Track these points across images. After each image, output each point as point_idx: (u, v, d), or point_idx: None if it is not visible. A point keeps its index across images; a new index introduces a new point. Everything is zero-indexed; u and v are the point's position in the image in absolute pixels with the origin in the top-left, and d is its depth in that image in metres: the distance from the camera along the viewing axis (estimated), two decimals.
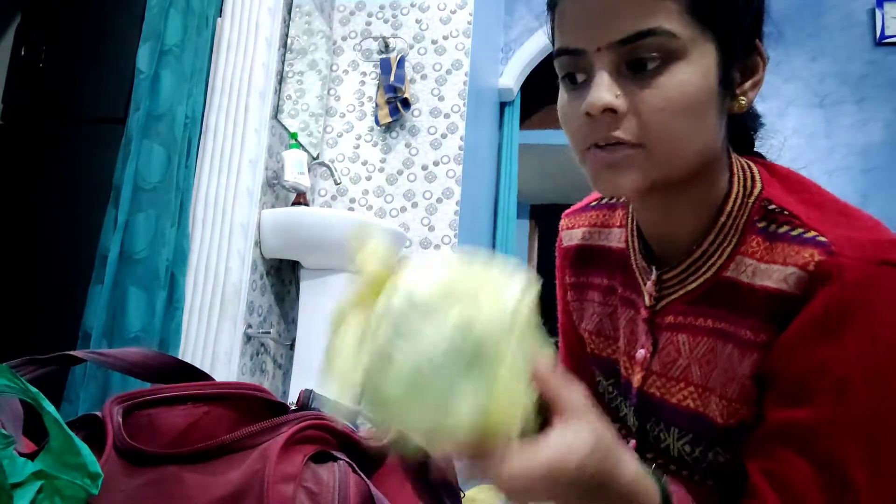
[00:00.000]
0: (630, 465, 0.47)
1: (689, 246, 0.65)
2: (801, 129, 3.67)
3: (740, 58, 0.59)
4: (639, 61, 0.55)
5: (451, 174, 2.81)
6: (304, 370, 2.32)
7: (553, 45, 0.62)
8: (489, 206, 3.90)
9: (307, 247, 2.38)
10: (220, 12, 2.18)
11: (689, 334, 0.66)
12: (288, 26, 2.59)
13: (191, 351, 1.95)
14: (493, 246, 3.99)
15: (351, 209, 2.82)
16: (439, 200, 2.79)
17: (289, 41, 2.60)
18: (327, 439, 0.61)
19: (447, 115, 2.86)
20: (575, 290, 0.83)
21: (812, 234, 0.57)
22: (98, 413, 0.65)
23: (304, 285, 2.42)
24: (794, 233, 0.58)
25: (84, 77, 2.19)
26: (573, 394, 0.45)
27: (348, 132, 2.92)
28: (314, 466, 0.58)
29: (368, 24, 3.01)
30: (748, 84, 0.61)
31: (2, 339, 1.96)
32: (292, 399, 0.69)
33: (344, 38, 3.02)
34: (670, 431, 0.68)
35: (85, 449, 0.52)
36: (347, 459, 0.60)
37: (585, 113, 0.56)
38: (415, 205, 2.80)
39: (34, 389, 0.54)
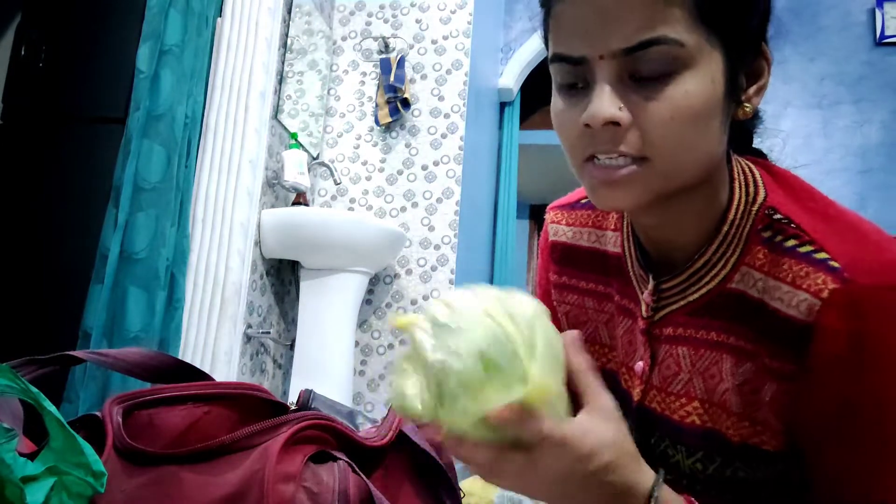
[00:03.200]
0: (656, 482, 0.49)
1: (689, 254, 0.63)
2: (799, 129, 3.67)
3: (746, 62, 0.57)
4: (644, 71, 0.52)
5: (451, 174, 2.81)
6: (304, 370, 2.32)
7: (546, 46, 0.59)
8: (489, 206, 3.90)
9: (307, 247, 2.38)
10: (220, 12, 2.18)
11: (691, 347, 0.63)
12: (288, 26, 2.59)
13: (191, 351, 1.95)
14: (493, 246, 3.99)
15: (351, 209, 2.82)
16: (439, 200, 2.79)
17: (289, 41, 2.60)
18: (327, 439, 0.62)
19: (447, 115, 2.87)
20: (558, 290, 0.80)
21: (823, 255, 0.54)
22: (98, 413, 0.65)
23: (304, 285, 2.42)
24: (803, 249, 0.56)
25: (84, 77, 2.20)
26: (603, 394, 0.49)
27: (348, 132, 2.92)
28: (314, 466, 0.58)
29: (368, 24, 3.01)
30: (753, 89, 0.58)
31: (2, 338, 1.96)
32: (292, 399, 0.70)
33: (344, 38, 3.02)
34: (678, 448, 0.65)
35: (88, 448, 0.52)
36: (347, 459, 0.60)
37: (585, 124, 0.54)
38: (415, 205, 2.80)
39: (34, 389, 0.54)
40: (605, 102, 0.52)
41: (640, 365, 0.68)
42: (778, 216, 0.59)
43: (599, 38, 0.52)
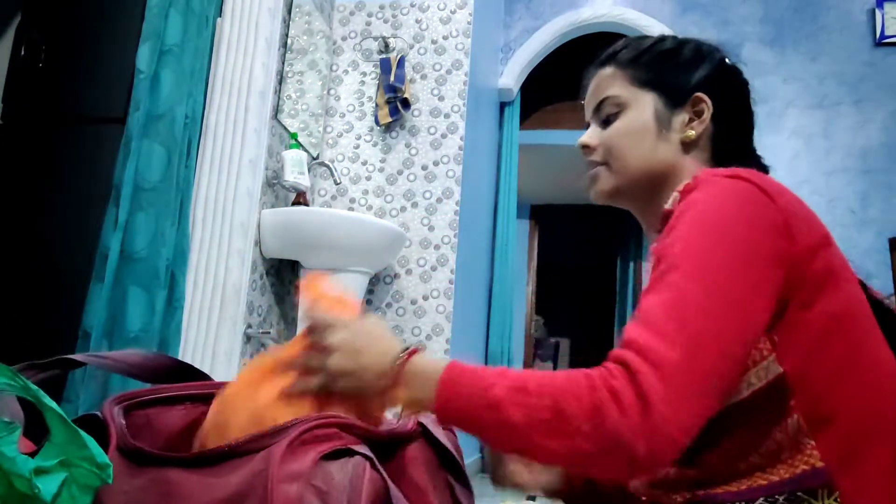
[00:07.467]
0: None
1: None
2: (800, 129, 3.67)
3: (682, 106, 0.84)
4: (603, 115, 0.88)
5: (451, 174, 2.81)
6: None
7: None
8: (489, 206, 3.90)
9: (307, 247, 2.38)
10: (220, 12, 2.18)
11: None
12: (288, 26, 2.59)
13: (191, 351, 1.95)
14: (493, 246, 3.99)
15: (351, 209, 2.82)
16: (439, 200, 2.79)
17: (289, 41, 2.60)
18: (342, 436, 0.61)
19: (447, 115, 2.86)
20: None
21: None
22: (98, 413, 0.65)
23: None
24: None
25: (84, 77, 2.19)
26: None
27: (348, 132, 2.92)
28: (326, 464, 0.57)
29: (368, 24, 3.01)
30: (696, 122, 0.84)
31: (2, 338, 1.96)
32: None
33: (344, 38, 3.02)
34: None
35: (91, 441, 0.52)
36: (368, 454, 0.59)
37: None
38: (415, 205, 2.80)
39: (34, 387, 0.54)
40: (583, 136, 0.90)
41: None
42: (680, 188, 0.77)
43: (588, 107, 0.91)
